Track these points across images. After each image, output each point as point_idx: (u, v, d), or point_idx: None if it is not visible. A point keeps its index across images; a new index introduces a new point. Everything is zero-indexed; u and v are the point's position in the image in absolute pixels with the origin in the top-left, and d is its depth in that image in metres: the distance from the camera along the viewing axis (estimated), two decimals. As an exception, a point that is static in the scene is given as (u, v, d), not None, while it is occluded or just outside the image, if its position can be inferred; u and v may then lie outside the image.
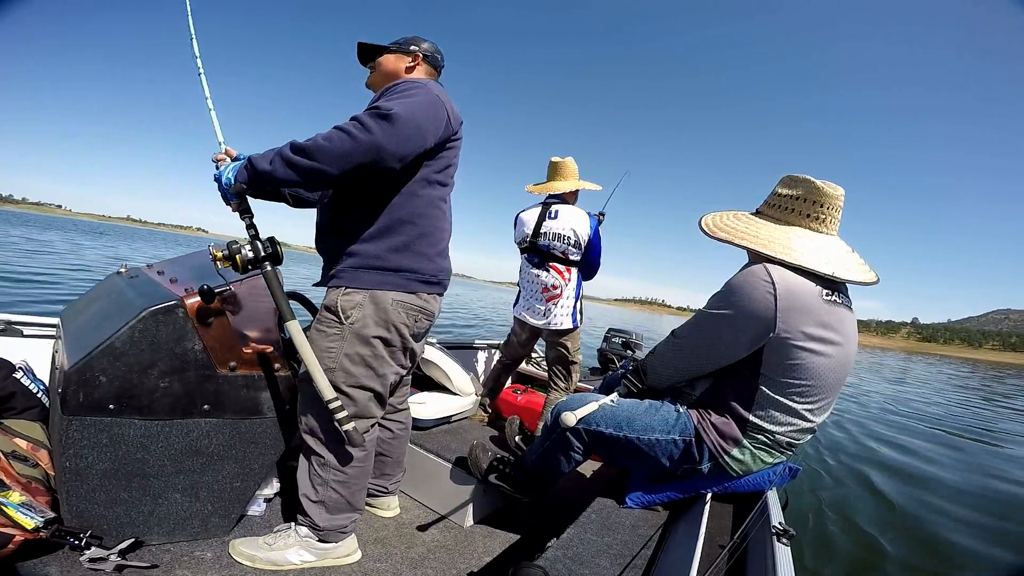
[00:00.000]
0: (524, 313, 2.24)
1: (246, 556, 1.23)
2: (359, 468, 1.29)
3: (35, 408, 1.41)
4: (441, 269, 1.32)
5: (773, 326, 1.05)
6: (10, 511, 1.00)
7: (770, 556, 0.89)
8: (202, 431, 1.21)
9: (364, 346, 1.22)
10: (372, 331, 1.22)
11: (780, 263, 1.09)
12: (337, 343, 1.22)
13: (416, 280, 1.25)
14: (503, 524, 1.68)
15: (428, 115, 1.13)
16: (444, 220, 1.32)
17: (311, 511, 1.26)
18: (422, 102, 1.12)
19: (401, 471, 1.63)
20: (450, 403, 2.12)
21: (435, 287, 1.31)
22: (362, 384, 1.25)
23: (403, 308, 1.24)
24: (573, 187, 2.20)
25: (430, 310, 1.32)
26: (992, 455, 4.82)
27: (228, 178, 1.13)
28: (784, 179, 1.21)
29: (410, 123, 1.08)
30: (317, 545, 1.27)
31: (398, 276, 1.23)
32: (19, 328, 1.63)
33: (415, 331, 1.30)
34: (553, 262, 2.14)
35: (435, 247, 1.29)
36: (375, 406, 1.30)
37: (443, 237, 1.32)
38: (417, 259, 1.24)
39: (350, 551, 1.33)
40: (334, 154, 1.03)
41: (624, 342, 3.34)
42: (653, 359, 1.31)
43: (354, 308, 1.21)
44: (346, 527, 1.30)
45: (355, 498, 1.30)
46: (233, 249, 1.12)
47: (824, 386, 1.11)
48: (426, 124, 1.13)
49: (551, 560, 0.98)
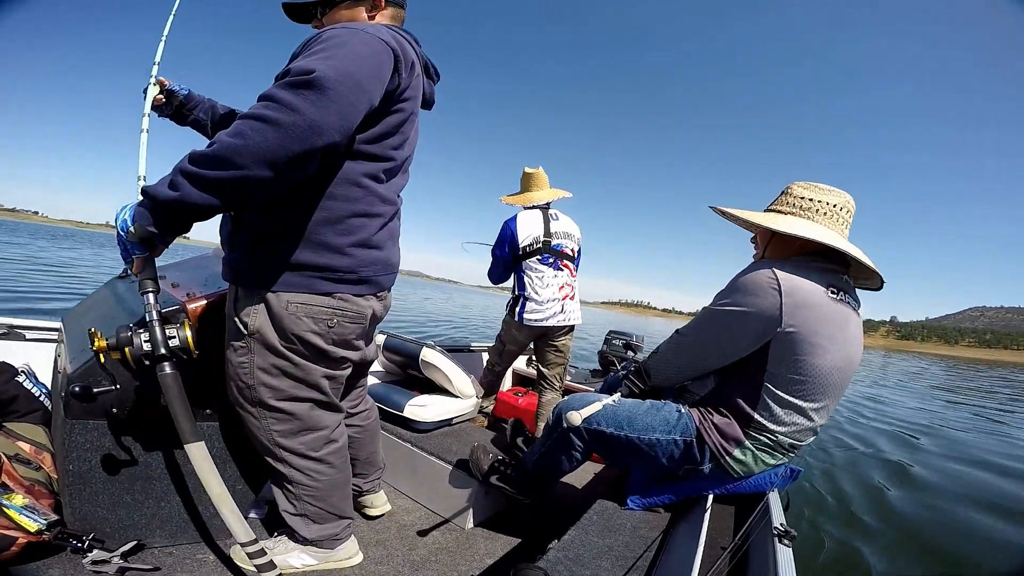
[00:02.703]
0: (535, 315, 2.16)
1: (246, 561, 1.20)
2: (327, 479, 1.18)
3: (37, 411, 1.41)
4: (364, 263, 1.05)
5: (779, 321, 1.06)
6: (13, 514, 1.00)
7: (771, 557, 0.89)
8: (203, 435, 1.21)
9: (276, 356, 1.03)
10: (271, 341, 1.02)
11: (789, 238, 1.12)
12: (247, 357, 1.04)
13: (323, 279, 1.00)
14: (504, 526, 1.68)
15: (369, 65, 0.88)
16: (371, 202, 1.04)
17: (295, 525, 1.20)
18: (356, 51, 0.87)
19: (376, 468, 1.54)
20: (451, 406, 2.12)
21: (358, 286, 1.06)
22: (293, 395, 1.08)
23: (306, 313, 1.00)
24: (550, 197, 2.25)
25: (355, 311, 1.07)
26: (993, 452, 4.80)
27: (124, 221, 0.85)
28: (796, 184, 1.21)
29: (346, 82, 0.83)
30: (317, 550, 1.24)
31: (295, 275, 0.99)
32: (21, 332, 1.64)
33: (334, 338, 1.06)
34: (565, 260, 2.19)
35: (350, 236, 1.01)
36: (323, 413, 1.15)
37: (367, 224, 1.04)
38: (321, 252, 0.99)
39: (351, 554, 1.32)
40: (256, 152, 0.78)
41: (625, 344, 3.33)
42: (657, 358, 1.32)
43: (249, 316, 1.01)
44: (338, 534, 1.25)
45: (337, 507, 1.22)
46: (123, 339, 0.90)
47: (827, 386, 1.11)
48: (367, 80, 0.87)
49: (552, 562, 0.98)
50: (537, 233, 2.16)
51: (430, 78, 1.20)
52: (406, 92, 1.01)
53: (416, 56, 1.06)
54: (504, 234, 2.20)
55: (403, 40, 1.01)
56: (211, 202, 0.81)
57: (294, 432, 1.11)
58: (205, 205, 0.81)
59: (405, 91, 1.00)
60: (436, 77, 1.22)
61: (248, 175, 0.79)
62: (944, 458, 4.31)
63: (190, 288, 1.24)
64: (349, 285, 1.04)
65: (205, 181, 0.79)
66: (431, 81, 1.21)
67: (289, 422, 1.10)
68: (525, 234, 2.16)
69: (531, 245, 2.15)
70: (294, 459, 1.14)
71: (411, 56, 1.00)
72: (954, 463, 4.14)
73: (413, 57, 1.02)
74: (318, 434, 1.15)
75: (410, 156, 1.15)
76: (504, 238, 2.20)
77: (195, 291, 1.19)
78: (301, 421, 1.11)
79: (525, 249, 2.15)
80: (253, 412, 1.10)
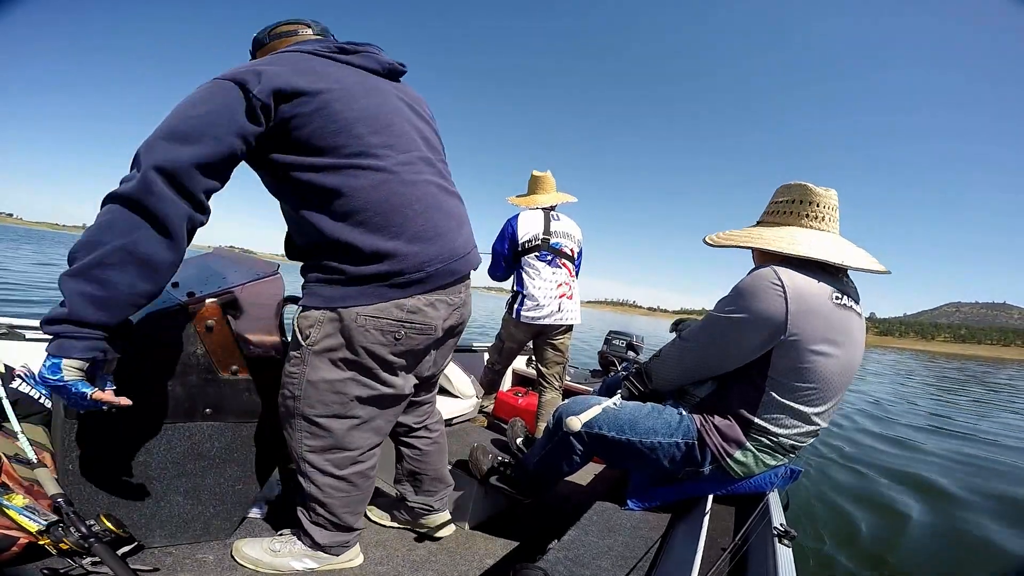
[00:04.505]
0: (532, 313, 2.19)
1: (249, 560, 1.21)
2: (345, 496, 1.17)
3: (37, 412, 1.41)
4: (424, 258, 1.01)
5: (784, 329, 1.05)
6: (13, 514, 1.00)
7: (771, 557, 0.89)
8: (204, 434, 1.21)
9: (329, 370, 1.04)
10: (339, 354, 1.02)
11: (783, 256, 1.10)
12: (298, 367, 1.05)
13: (390, 286, 0.99)
14: (504, 526, 1.68)
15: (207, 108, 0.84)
16: (395, 192, 0.99)
17: (309, 529, 1.21)
18: (193, 99, 0.85)
19: (446, 486, 1.50)
20: (451, 406, 2.12)
21: (416, 287, 1.02)
22: (334, 412, 1.07)
23: (374, 326, 1.00)
24: (555, 201, 2.29)
25: (421, 322, 1.04)
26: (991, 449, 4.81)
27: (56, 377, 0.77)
28: (779, 188, 1.23)
29: (181, 126, 0.81)
30: (320, 554, 1.24)
31: (360, 288, 0.99)
32: (21, 332, 1.64)
33: (402, 348, 1.05)
34: (564, 259, 2.21)
35: (399, 232, 0.99)
36: (361, 435, 1.13)
37: (409, 212, 1.00)
38: (377, 259, 0.97)
39: (352, 556, 1.32)
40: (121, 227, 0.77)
41: (627, 344, 3.33)
42: (658, 362, 1.31)
43: (311, 327, 1.02)
44: (348, 541, 1.26)
45: (348, 520, 1.22)
46: (56, 535, 0.93)
47: (830, 389, 1.11)
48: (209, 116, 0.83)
49: (552, 562, 0.98)
50: (537, 230, 2.19)
51: (352, 53, 1.06)
52: (302, 90, 0.91)
53: (314, 54, 1.00)
54: (505, 230, 2.25)
55: (280, 59, 0.96)
56: (118, 294, 0.78)
57: (324, 449, 1.11)
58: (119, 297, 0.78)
59: (299, 90, 0.91)
60: (363, 48, 1.09)
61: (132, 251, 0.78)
62: (942, 457, 4.31)
63: (190, 288, 1.24)
64: (411, 287, 1.01)
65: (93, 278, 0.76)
66: (362, 55, 1.07)
67: (322, 439, 1.10)
68: (525, 230, 2.20)
69: (530, 241, 2.19)
70: (316, 475, 1.14)
71: (273, 69, 0.90)
72: (953, 463, 4.14)
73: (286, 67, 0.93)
74: (346, 454, 1.14)
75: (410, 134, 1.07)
76: (504, 234, 2.25)
77: (195, 290, 1.19)
78: (335, 439, 1.11)
79: (524, 245, 2.19)
80: (291, 422, 1.11)
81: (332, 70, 0.99)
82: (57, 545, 0.96)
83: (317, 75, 0.95)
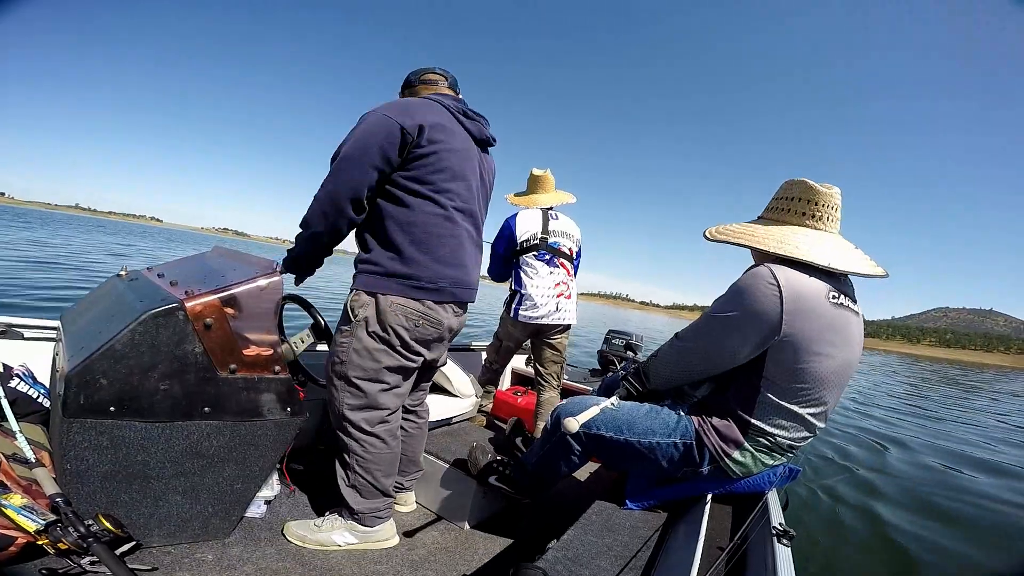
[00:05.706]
0: (529, 312, 2.18)
1: (297, 536, 1.39)
2: (376, 453, 1.39)
3: (36, 411, 1.41)
4: (441, 275, 1.34)
5: (778, 329, 1.04)
6: (11, 513, 1.00)
7: (770, 557, 0.89)
8: (202, 433, 1.21)
9: (370, 340, 1.32)
10: (374, 328, 1.32)
11: (777, 257, 1.10)
12: (348, 339, 1.33)
13: (413, 286, 1.31)
14: (503, 526, 1.68)
15: (371, 139, 1.23)
16: (442, 226, 1.34)
17: (347, 495, 1.40)
18: (363, 129, 1.24)
19: (417, 469, 1.68)
20: (450, 405, 2.12)
21: (435, 293, 1.34)
22: (370, 376, 1.34)
23: (401, 312, 1.31)
24: (554, 201, 2.28)
25: (435, 318, 1.36)
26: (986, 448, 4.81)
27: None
28: (782, 185, 1.22)
29: (350, 157, 1.22)
30: (359, 528, 1.40)
31: (394, 281, 1.31)
32: (19, 331, 1.63)
33: (417, 336, 1.35)
34: (562, 259, 2.20)
35: (431, 253, 1.33)
36: (388, 398, 1.39)
37: (444, 243, 1.34)
38: (410, 265, 1.31)
39: (388, 536, 1.46)
40: (314, 217, 1.28)
41: (626, 344, 3.33)
42: (655, 362, 1.31)
43: (361, 307, 1.32)
44: (380, 510, 1.42)
45: (381, 482, 1.40)
46: (55, 535, 0.98)
47: (827, 390, 1.11)
48: (369, 148, 1.23)
49: (551, 561, 0.98)
50: (535, 229, 2.19)
51: (470, 118, 1.42)
52: (421, 138, 1.27)
53: (447, 109, 1.36)
54: (503, 230, 2.25)
55: (425, 105, 1.32)
56: (307, 250, 1.38)
57: (359, 407, 1.36)
58: (307, 253, 1.39)
59: (419, 138, 1.27)
60: (477, 118, 1.45)
61: (314, 232, 1.31)
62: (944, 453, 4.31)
63: (188, 286, 1.23)
64: (430, 292, 1.33)
65: (302, 239, 1.35)
66: (475, 122, 1.44)
67: (360, 398, 1.36)
68: (523, 229, 2.20)
69: (528, 240, 2.18)
70: (353, 431, 1.37)
71: (427, 117, 1.28)
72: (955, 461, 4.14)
73: (435, 114, 1.31)
74: (377, 412, 1.38)
75: (474, 193, 1.43)
76: (503, 233, 2.24)
77: (193, 289, 1.19)
78: (368, 399, 1.36)
79: (522, 244, 2.18)
80: (336, 384, 1.36)
81: (456, 129, 1.36)
82: (55, 545, 0.98)
83: (447, 131, 1.32)
